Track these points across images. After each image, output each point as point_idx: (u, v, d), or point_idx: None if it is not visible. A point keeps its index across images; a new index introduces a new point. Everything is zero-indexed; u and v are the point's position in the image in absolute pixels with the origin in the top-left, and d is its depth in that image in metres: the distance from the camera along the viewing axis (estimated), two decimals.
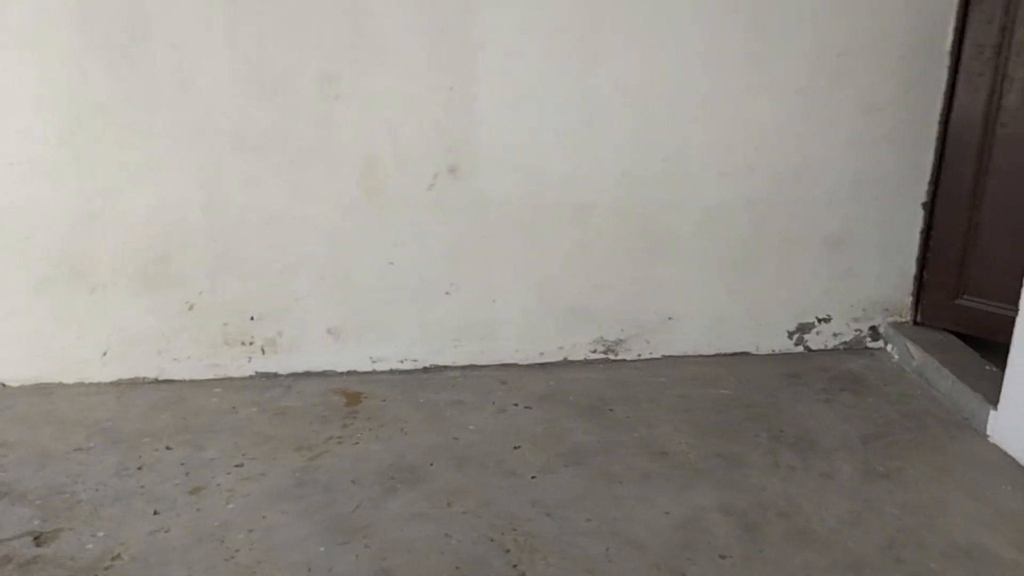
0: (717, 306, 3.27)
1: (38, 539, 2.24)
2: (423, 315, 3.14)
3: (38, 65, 2.73)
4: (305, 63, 2.82)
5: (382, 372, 3.18)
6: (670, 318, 3.26)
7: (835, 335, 3.36)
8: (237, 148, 2.88)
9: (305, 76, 2.83)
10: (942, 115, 3.07)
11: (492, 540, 2.24)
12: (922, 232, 3.23)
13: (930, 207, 3.19)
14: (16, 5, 2.67)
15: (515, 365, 3.23)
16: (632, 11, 2.88)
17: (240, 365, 3.11)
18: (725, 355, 3.32)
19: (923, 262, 3.25)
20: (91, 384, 3.05)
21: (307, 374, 3.14)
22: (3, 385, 3.02)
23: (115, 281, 2.97)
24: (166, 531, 2.27)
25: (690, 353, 3.31)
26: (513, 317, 3.19)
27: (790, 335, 3.34)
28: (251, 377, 3.12)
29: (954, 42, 2.99)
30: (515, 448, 2.68)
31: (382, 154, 2.94)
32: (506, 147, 2.98)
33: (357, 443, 2.71)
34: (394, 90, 2.88)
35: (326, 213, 2.98)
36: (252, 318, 3.06)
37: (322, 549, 2.20)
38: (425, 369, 3.20)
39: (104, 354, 3.04)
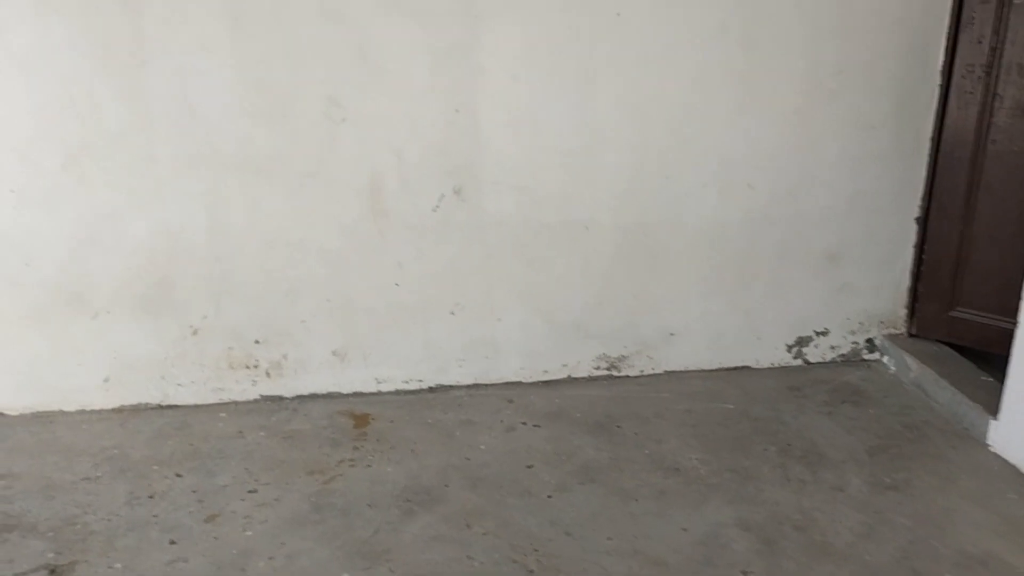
0: (717, 321, 3.31)
1: (54, 572, 2.20)
2: (428, 335, 3.14)
3: (40, 90, 2.70)
4: (310, 87, 2.82)
5: (388, 393, 3.17)
6: (672, 334, 3.29)
7: (832, 348, 3.42)
8: (241, 171, 2.87)
9: (310, 100, 2.83)
10: (934, 132, 3.15)
11: (515, 561, 2.25)
12: (916, 246, 3.31)
13: (923, 221, 3.26)
14: (17, 30, 2.64)
15: (520, 383, 3.24)
16: (630, 34, 2.92)
17: (244, 389, 3.08)
18: (726, 369, 3.36)
19: (917, 275, 3.32)
20: (93, 411, 3.01)
21: (313, 396, 3.12)
22: (2, 414, 2.96)
23: (117, 306, 2.94)
24: (185, 561, 2.25)
25: (692, 368, 3.35)
26: (517, 335, 3.20)
27: (789, 348, 3.39)
28: (256, 401, 3.10)
29: (945, 62, 3.07)
30: (528, 467, 2.69)
31: (387, 176, 2.94)
32: (509, 168, 3.00)
33: (370, 465, 2.70)
34: (399, 113, 2.88)
35: (331, 235, 2.98)
36: (257, 341, 3.04)
37: (346, 575, 2.19)
38: (431, 389, 3.19)
39: (106, 380, 3.00)
